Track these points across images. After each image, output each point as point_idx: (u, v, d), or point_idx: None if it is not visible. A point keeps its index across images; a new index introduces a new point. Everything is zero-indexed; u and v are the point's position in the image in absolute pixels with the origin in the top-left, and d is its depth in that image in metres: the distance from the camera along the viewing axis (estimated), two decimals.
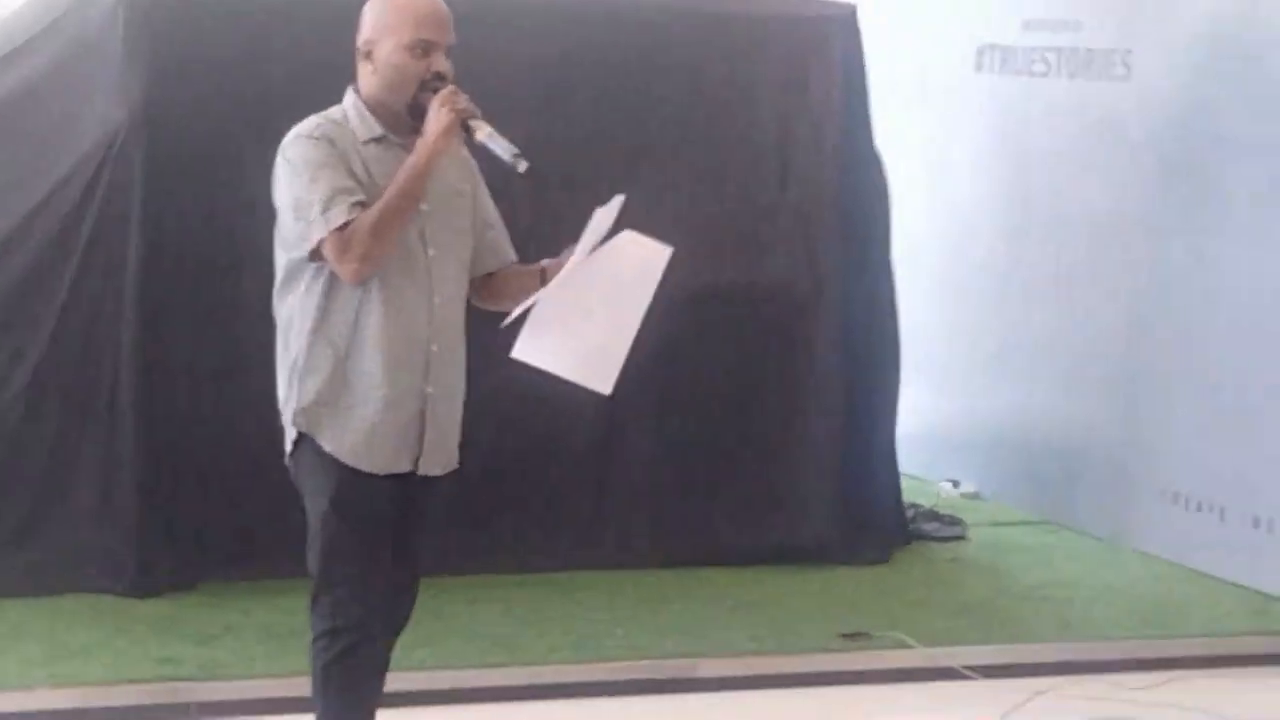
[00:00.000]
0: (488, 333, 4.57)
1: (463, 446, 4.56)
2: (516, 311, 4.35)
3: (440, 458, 4.48)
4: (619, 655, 6.29)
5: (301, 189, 4.28)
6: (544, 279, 4.44)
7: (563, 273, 4.33)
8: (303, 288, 4.36)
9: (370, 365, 4.35)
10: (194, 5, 6.72)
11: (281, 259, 4.41)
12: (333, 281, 4.33)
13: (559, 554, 7.07)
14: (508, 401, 6.77)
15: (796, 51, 7.46)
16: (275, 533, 6.70)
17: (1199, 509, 7.64)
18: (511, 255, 4.61)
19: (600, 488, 7.24)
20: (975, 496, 8.60)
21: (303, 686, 4.56)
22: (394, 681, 4.47)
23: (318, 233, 4.25)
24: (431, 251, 4.39)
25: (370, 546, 4.39)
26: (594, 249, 4.35)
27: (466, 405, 4.55)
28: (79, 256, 6.60)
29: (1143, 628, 6.90)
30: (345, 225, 4.24)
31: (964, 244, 8.81)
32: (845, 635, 6.55)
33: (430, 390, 4.41)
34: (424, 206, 4.37)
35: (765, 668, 6.32)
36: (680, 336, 7.17)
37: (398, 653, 4.59)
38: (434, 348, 4.40)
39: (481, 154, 4.42)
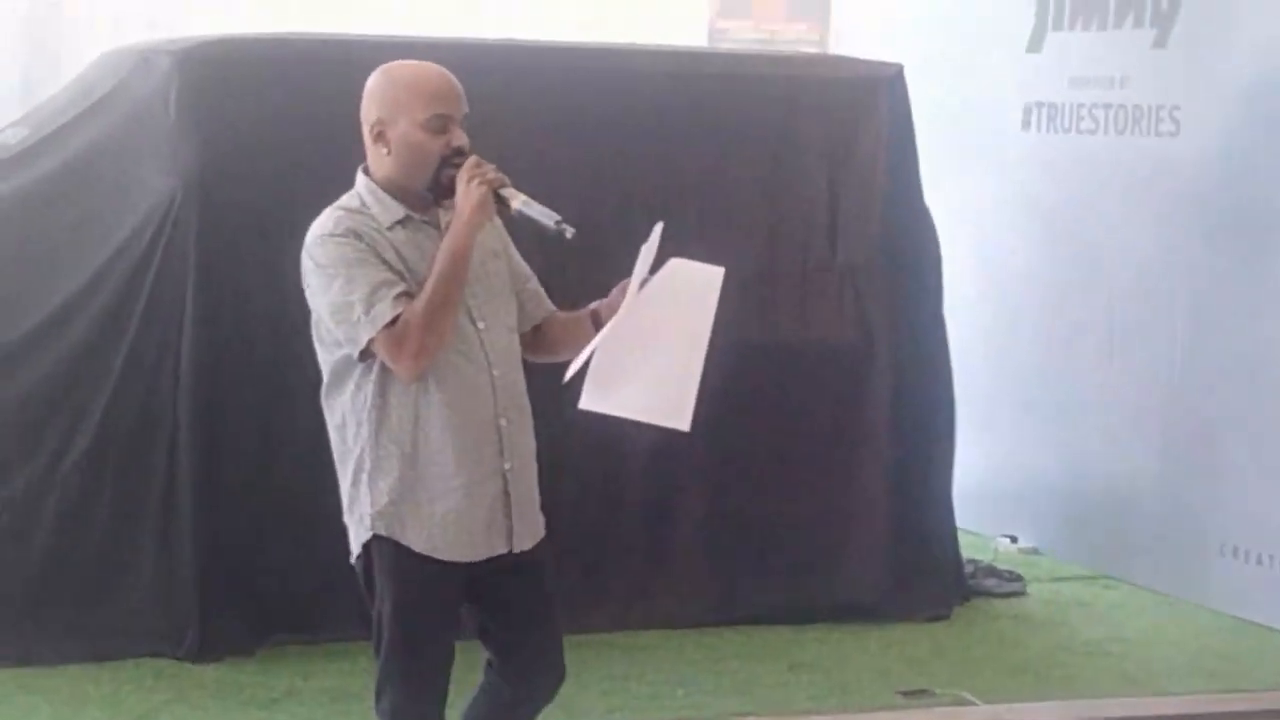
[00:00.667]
0: (534, 389, 4.50)
1: None
2: (578, 362, 4.22)
3: (530, 529, 4.38)
4: (680, 715, 6.28)
5: (338, 292, 4.15)
6: (597, 322, 4.34)
7: (619, 313, 4.23)
8: (352, 386, 4.25)
9: (440, 457, 4.23)
10: (247, 72, 6.77)
11: (326, 359, 4.30)
12: (385, 377, 4.20)
13: (616, 614, 7.07)
14: (561, 460, 6.79)
15: (844, 111, 7.48)
16: (335, 596, 6.73)
17: (1258, 562, 7.60)
18: (551, 305, 4.53)
19: (655, 547, 7.24)
20: (1033, 552, 8.56)
21: None
22: None
23: (366, 333, 4.13)
24: (481, 324, 4.29)
25: (440, 645, 4.31)
26: (644, 283, 4.24)
27: None
28: (136, 324, 6.64)
29: (1204, 682, 6.87)
30: (394, 321, 4.11)
31: (1013, 300, 8.81)
32: (905, 693, 6.54)
33: (508, 466, 4.31)
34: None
35: None
36: (732, 395, 7.17)
37: (455, 716, 4.55)
38: (503, 422, 4.30)
39: (520, 222, 4.30)
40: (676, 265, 4.32)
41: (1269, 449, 7.55)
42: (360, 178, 4.34)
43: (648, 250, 4.27)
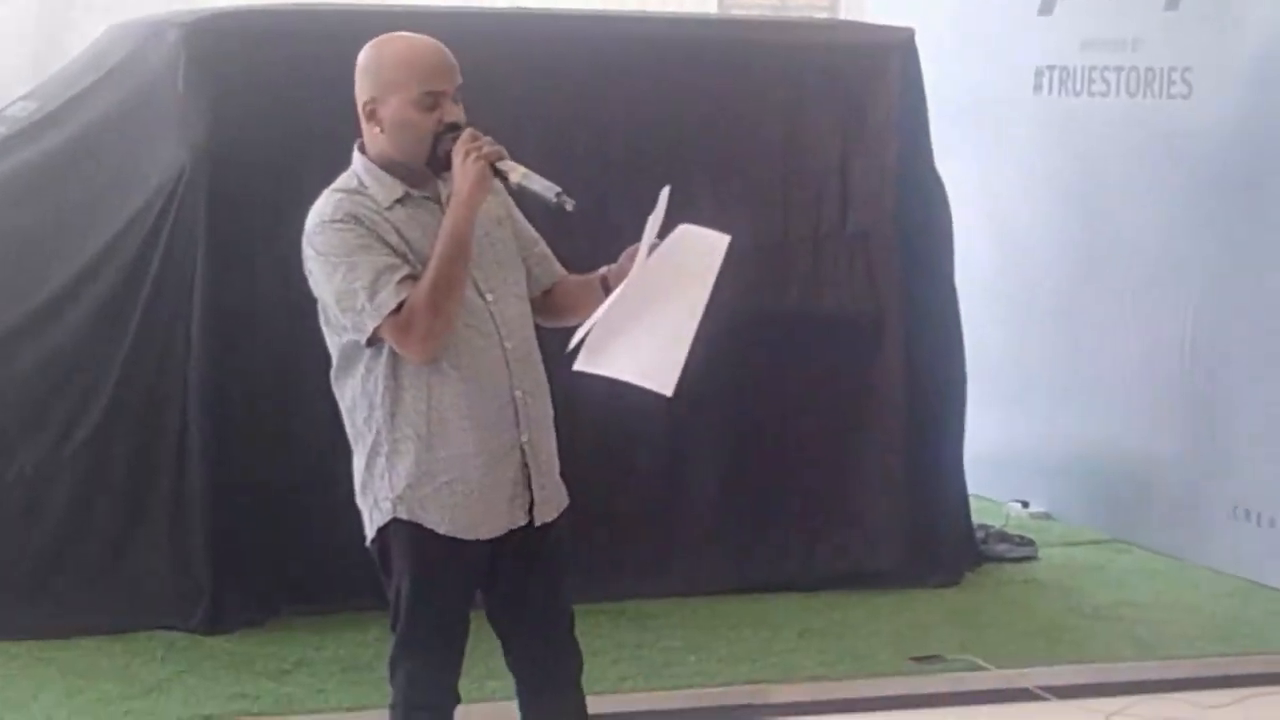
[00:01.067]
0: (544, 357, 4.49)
1: None
2: (583, 330, 4.18)
3: (552, 500, 4.33)
4: (691, 683, 6.30)
5: (341, 280, 4.09)
6: (606, 287, 4.28)
7: (625, 282, 4.17)
8: (362, 369, 4.18)
9: (458, 436, 4.16)
10: (256, 43, 6.77)
11: (334, 342, 4.24)
12: (396, 359, 4.13)
13: (628, 582, 7.08)
14: (572, 429, 6.78)
15: (855, 77, 7.47)
16: (346, 567, 6.73)
17: (1270, 524, 7.60)
18: (561, 269, 4.46)
19: (668, 515, 7.26)
20: (1045, 517, 8.57)
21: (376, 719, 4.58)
22: (464, 714, 4.47)
23: (371, 321, 4.07)
24: (490, 296, 4.22)
25: (456, 622, 4.28)
26: (652, 248, 4.19)
27: None
28: (145, 297, 6.65)
29: (1217, 645, 6.87)
30: (398, 308, 4.06)
31: (1025, 265, 8.80)
32: (917, 658, 6.55)
33: (525, 439, 4.24)
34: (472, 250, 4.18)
35: (837, 692, 6.31)
36: (744, 363, 7.20)
37: (470, 685, 4.54)
38: (518, 393, 4.22)
39: (521, 195, 4.25)
40: (684, 231, 4.27)
41: None
42: (356, 156, 4.26)
43: (655, 216, 4.22)
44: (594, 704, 5.97)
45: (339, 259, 4.11)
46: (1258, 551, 7.63)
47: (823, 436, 7.41)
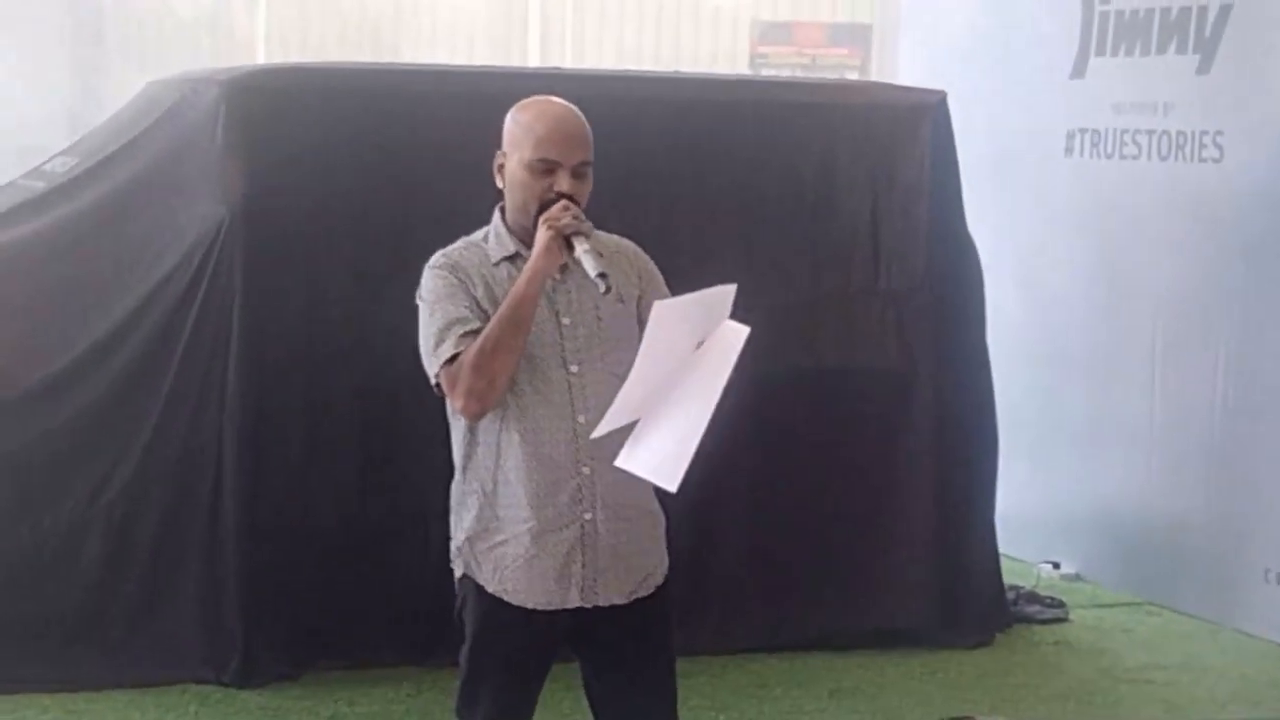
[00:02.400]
0: None
1: None
2: (607, 423, 4.08)
3: (619, 584, 4.26)
4: None
5: (425, 323, 4.20)
6: None
7: (648, 359, 4.07)
8: (453, 417, 4.27)
9: (514, 499, 4.19)
10: (293, 101, 6.82)
11: None
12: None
13: None
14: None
15: (887, 138, 7.50)
16: (379, 621, 6.79)
17: None
18: None
19: (697, 574, 7.24)
20: (1076, 578, 8.55)
21: None
22: None
23: (433, 368, 4.15)
24: (574, 369, 4.21)
25: (513, 689, 4.27)
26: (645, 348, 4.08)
27: None
28: (181, 352, 6.68)
29: (1247, 709, 6.85)
30: (453, 359, 4.12)
31: (1056, 325, 8.80)
32: (949, 719, 6.54)
33: (588, 516, 4.21)
34: (565, 321, 4.22)
35: None
36: (776, 421, 7.21)
37: None
38: (585, 470, 4.19)
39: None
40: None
41: None
42: (496, 210, 4.34)
43: (709, 305, 4.17)
44: None
45: (430, 303, 4.22)
46: None
47: (853, 495, 7.41)
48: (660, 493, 7.04)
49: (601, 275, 4.10)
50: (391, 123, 6.84)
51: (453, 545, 4.31)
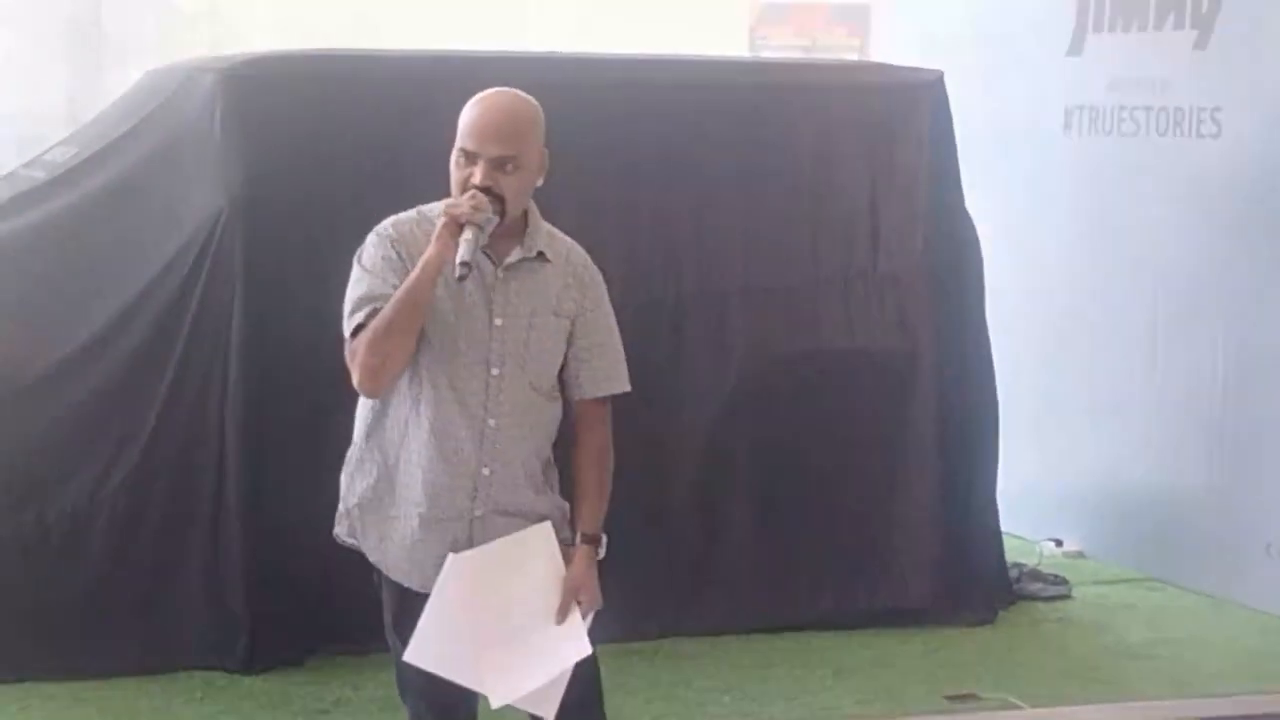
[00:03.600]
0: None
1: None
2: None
3: None
4: None
5: (352, 285, 4.29)
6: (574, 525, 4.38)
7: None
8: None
9: (411, 481, 4.28)
10: (292, 89, 6.82)
11: None
12: (390, 387, 4.26)
13: (662, 621, 7.10)
14: None
15: (885, 118, 7.51)
16: (382, 606, 6.80)
17: None
18: (599, 392, 4.41)
19: (701, 554, 7.27)
20: (1078, 555, 8.57)
21: None
22: None
23: (345, 334, 4.25)
24: (495, 371, 4.26)
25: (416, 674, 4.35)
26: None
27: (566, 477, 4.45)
28: (183, 341, 6.68)
29: (1252, 683, 6.87)
30: (355, 333, 4.20)
31: (1056, 303, 8.81)
32: (952, 697, 6.55)
33: (479, 513, 4.29)
34: (497, 321, 4.25)
35: None
36: (775, 403, 7.23)
37: None
38: (485, 471, 4.27)
39: None
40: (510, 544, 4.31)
41: None
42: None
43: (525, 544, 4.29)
44: None
45: (363, 269, 4.28)
46: None
47: (855, 475, 7.42)
48: (661, 474, 7.10)
49: (464, 264, 4.12)
50: (391, 109, 6.84)
51: (341, 506, 4.42)
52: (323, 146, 6.75)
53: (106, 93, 8.24)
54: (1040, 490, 8.71)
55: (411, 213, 4.34)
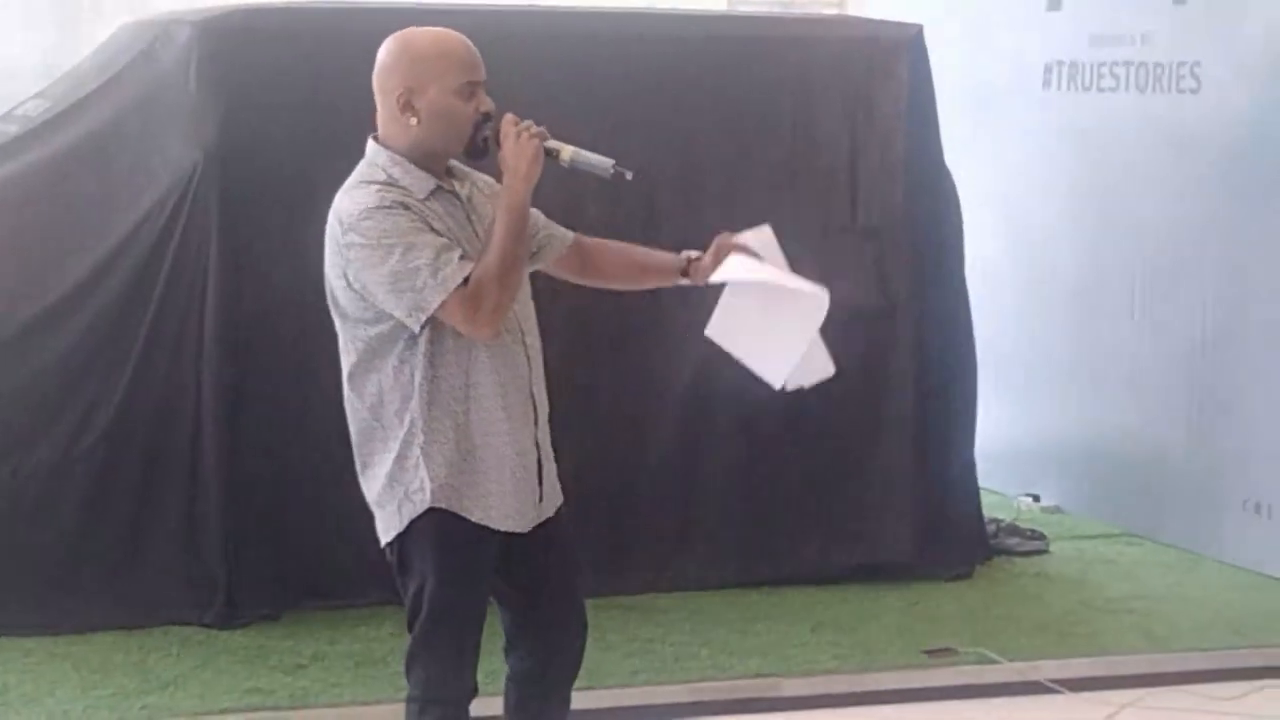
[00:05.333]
0: (560, 357, 4.52)
1: None
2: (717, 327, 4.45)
3: (553, 496, 4.39)
4: (703, 677, 6.31)
5: (397, 261, 4.06)
6: (686, 272, 4.48)
7: (753, 274, 4.45)
8: (394, 361, 4.16)
9: (494, 427, 4.20)
10: (268, 41, 6.79)
11: (358, 340, 4.20)
12: (434, 348, 4.13)
13: (640, 576, 7.11)
14: (587, 425, 6.83)
15: (864, 73, 7.48)
16: (360, 561, 6.79)
17: None
18: (568, 232, 4.49)
19: (679, 510, 7.28)
20: (1056, 510, 8.59)
21: (391, 714, 4.59)
22: (479, 706, 4.47)
23: (436, 297, 4.05)
24: None
25: (480, 615, 4.31)
26: (777, 281, 4.46)
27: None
28: (158, 295, 6.67)
29: (1228, 638, 6.88)
30: (465, 282, 4.07)
31: (1036, 259, 8.81)
32: (929, 652, 6.56)
33: (539, 435, 4.31)
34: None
35: (849, 686, 6.34)
36: None
37: (485, 679, 4.58)
38: (534, 389, 4.30)
39: (573, 172, 4.30)
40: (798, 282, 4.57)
41: None
42: (379, 150, 4.27)
43: (761, 243, 4.55)
44: (606, 697, 6.05)
45: (394, 240, 4.09)
46: (1269, 544, 7.64)
47: (833, 431, 7.42)
48: (640, 429, 7.10)
49: (616, 165, 4.24)
50: (368, 62, 6.78)
51: (411, 488, 4.19)
52: (299, 99, 6.72)
53: (83, 45, 8.17)
54: (1018, 445, 8.72)
55: (369, 188, 4.18)
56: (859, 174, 7.46)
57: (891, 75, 7.49)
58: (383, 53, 4.34)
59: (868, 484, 7.42)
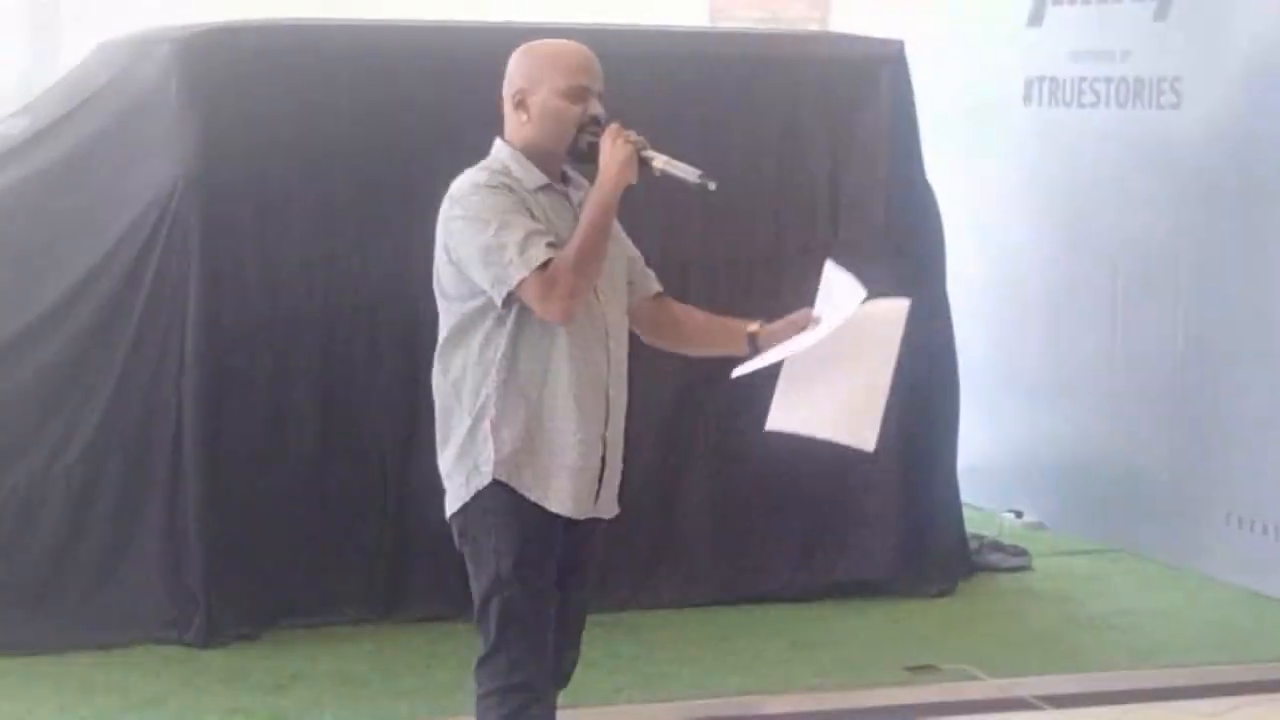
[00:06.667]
0: None
1: None
2: (747, 367, 4.52)
3: (611, 500, 4.54)
4: (685, 694, 6.30)
5: (491, 236, 4.28)
6: (754, 344, 4.58)
7: (807, 341, 4.45)
8: (481, 337, 4.36)
9: (565, 411, 4.36)
10: (248, 59, 6.77)
11: (451, 315, 4.41)
12: (519, 330, 4.33)
13: (621, 593, 7.08)
14: None
15: (846, 89, 7.49)
16: (340, 579, 6.79)
17: (1264, 532, 7.62)
18: (657, 284, 4.66)
19: (660, 527, 7.26)
20: (1038, 526, 8.58)
21: None
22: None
23: (518, 273, 4.25)
24: (601, 298, 4.43)
25: (549, 601, 4.41)
26: (837, 326, 4.42)
27: None
28: (139, 313, 6.65)
29: (1212, 653, 6.89)
30: (546, 264, 4.26)
31: (1016, 274, 8.81)
32: (912, 668, 6.55)
33: (608, 435, 4.45)
34: None
35: (832, 703, 6.33)
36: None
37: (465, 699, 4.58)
38: (611, 392, 4.45)
39: (664, 180, 4.48)
40: (870, 306, 4.56)
41: (1274, 419, 7.56)
42: (502, 146, 4.47)
43: (828, 286, 4.59)
44: (588, 715, 6.02)
45: (492, 216, 4.31)
46: (1252, 559, 7.64)
47: (815, 447, 7.36)
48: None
49: (702, 175, 4.43)
50: (349, 81, 6.80)
51: (479, 460, 4.35)
52: (280, 118, 6.72)
53: (64, 66, 8.16)
54: (1000, 461, 8.72)
55: (481, 172, 4.40)
56: (841, 190, 7.47)
57: (874, 91, 7.49)
58: (510, 59, 4.54)
59: (849, 500, 7.41)
